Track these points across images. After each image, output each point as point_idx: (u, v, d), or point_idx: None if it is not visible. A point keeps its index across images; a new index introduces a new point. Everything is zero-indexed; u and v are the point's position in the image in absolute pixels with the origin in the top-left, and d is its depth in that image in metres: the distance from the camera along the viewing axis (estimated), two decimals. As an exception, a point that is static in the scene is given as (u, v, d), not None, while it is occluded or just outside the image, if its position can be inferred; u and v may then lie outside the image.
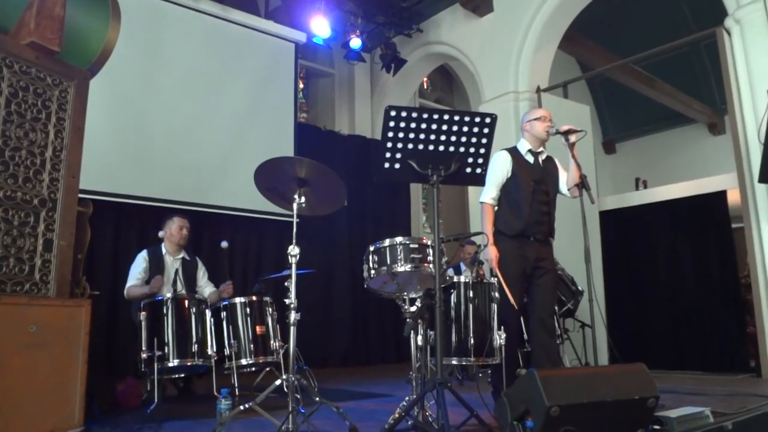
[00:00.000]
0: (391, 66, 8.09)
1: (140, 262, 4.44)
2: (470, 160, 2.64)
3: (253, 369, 4.21)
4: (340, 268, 7.60)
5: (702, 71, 10.00)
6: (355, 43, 7.75)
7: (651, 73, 9.50)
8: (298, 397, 2.68)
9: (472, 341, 3.10)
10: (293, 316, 2.71)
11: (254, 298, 4.20)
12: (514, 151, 3.59)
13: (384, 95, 9.01)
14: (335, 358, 7.36)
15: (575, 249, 5.94)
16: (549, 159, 3.68)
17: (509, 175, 3.52)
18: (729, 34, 5.68)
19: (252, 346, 4.00)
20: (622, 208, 7.44)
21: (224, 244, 4.60)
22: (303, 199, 2.83)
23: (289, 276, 4.11)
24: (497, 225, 3.51)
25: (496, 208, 3.56)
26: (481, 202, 3.56)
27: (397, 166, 2.60)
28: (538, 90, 7.05)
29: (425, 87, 10.47)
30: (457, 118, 2.57)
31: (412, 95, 9.42)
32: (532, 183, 3.47)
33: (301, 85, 8.76)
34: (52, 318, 2.92)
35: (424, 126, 2.55)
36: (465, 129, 2.58)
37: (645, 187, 9.38)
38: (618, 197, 7.77)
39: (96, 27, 3.48)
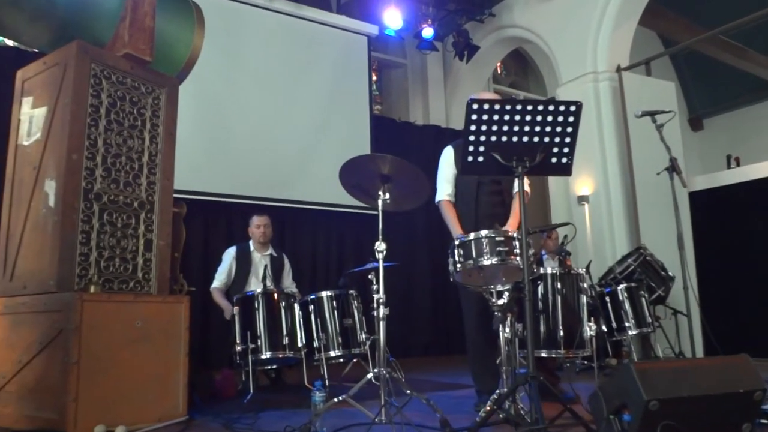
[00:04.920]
0: (464, 53, 8.00)
1: (227, 259, 4.62)
2: (555, 149, 2.59)
3: (341, 360, 4.32)
4: (420, 258, 7.64)
5: (800, 38, 9.32)
6: (428, 32, 7.71)
7: (741, 43, 8.94)
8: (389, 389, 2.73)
9: (561, 333, 3.05)
10: (382, 311, 2.75)
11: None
12: (459, 145, 3.39)
13: (457, 83, 8.93)
14: (418, 348, 7.42)
15: (664, 233, 5.74)
16: None
17: (455, 171, 3.42)
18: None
19: (340, 338, 4.11)
20: (713, 188, 7.06)
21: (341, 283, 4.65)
22: (387, 195, 2.87)
23: (372, 269, 4.20)
24: None
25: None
26: (438, 202, 3.46)
27: (480, 159, 2.58)
28: (619, 69, 6.78)
29: (499, 72, 10.29)
30: (540, 108, 2.52)
31: (486, 81, 9.28)
32: (476, 176, 3.30)
33: (374, 77, 8.80)
34: (155, 314, 3.10)
35: (507, 118, 2.52)
36: (549, 119, 2.53)
37: (738, 164, 8.86)
38: (709, 177, 7.37)
39: (183, 35, 3.63)
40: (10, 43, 6.03)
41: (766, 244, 6.60)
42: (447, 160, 3.48)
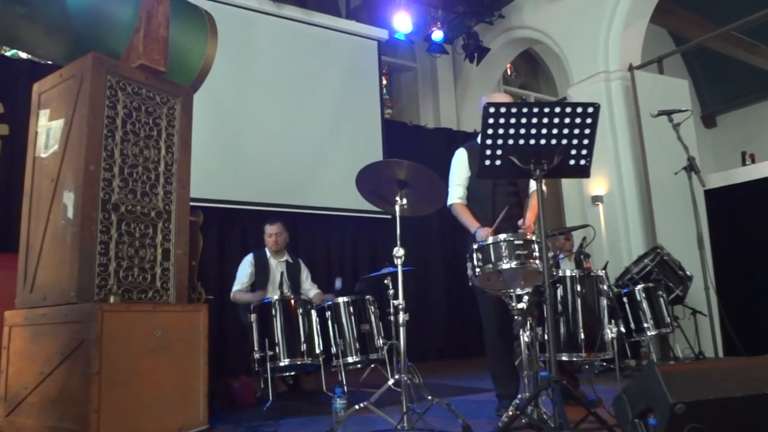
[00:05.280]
0: (474, 55, 7.99)
1: (246, 266, 4.63)
2: (573, 151, 2.57)
3: (359, 366, 4.31)
4: (434, 262, 7.62)
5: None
6: (437, 35, 7.71)
7: (753, 39, 8.86)
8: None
9: (582, 336, 3.03)
10: (402, 316, 2.74)
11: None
12: (471, 147, 3.41)
13: (468, 86, 8.92)
14: (432, 353, 7.39)
15: (681, 232, 5.70)
16: None
17: (469, 173, 3.38)
18: None
19: (357, 344, 4.10)
20: (729, 185, 6.99)
21: (338, 284, 4.64)
22: (405, 200, 2.86)
23: (388, 274, 4.19)
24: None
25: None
26: (450, 205, 3.41)
27: (498, 162, 2.57)
28: (631, 68, 6.75)
29: (509, 74, 10.27)
30: (558, 110, 2.51)
31: (496, 83, 9.26)
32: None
33: (384, 81, 8.81)
34: (174, 323, 3.11)
35: (524, 121, 2.50)
36: (567, 120, 2.51)
37: (753, 161, 8.77)
38: (724, 174, 7.31)
39: (196, 45, 3.64)
40: (23, 55, 6.09)
41: (784, 241, 6.53)
42: (459, 162, 3.46)
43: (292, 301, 4.04)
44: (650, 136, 6.31)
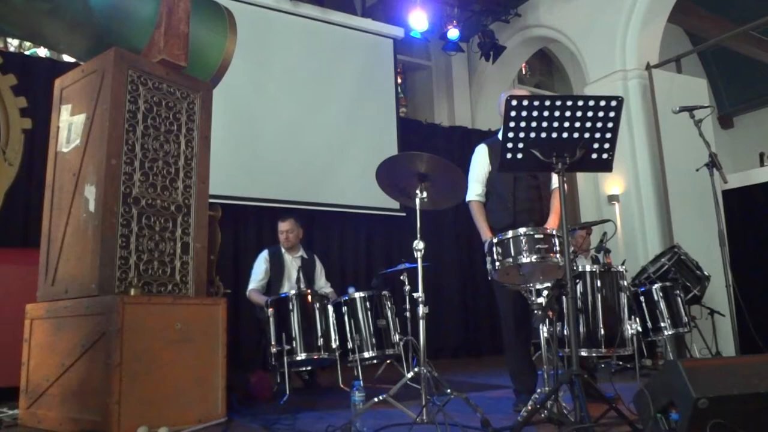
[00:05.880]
0: (490, 54, 7.98)
1: (261, 263, 4.65)
2: (596, 145, 2.56)
3: (375, 362, 4.31)
4: (449, 259, 7.61)
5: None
6: (453, 33, 7.71)
7: (772, 39, 8.79)
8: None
9: (602, 332, 3.02)
10: (422, 309, 2.74)
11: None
12: (492, 142, 3.39)
13: (483, 84, 8.91)
14: (448, 350, 7.39)
15: (699, 231, 5.66)
16: None
17: (490, 168, 3.37)
18: None
19: (373, 339, 4.10)
20: (746, 186, 6.92)
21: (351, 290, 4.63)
22: (425, 194, 2.86)
23: (404, 270, 4.20)
24: (488, 221, 3.35)
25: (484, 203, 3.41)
26: (468, 202, 3.41)
27: (519, 156, 2.56)
28: (648, 67, 6.70)
29: (524, 72, 10.23)
30: (581, 103, 2.49)
31: (511, 82, 9.23)
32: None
33: (399, 80, 8.82)
34: (194, 316, 3.12)
35: (546, 114, 2.49)
36: (590, 114, 2.50)
37: (771, 161, 8.67)
38: (742, 174, 7.23)
39: (216, 40, 3.67)
40: (42, 54, 6.16)
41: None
42: (480, 158, 3.45)
43: (309, 296, 4.06)
44: (668, 135, 6.27)
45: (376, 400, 2.71)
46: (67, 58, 5.51)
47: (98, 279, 2.88)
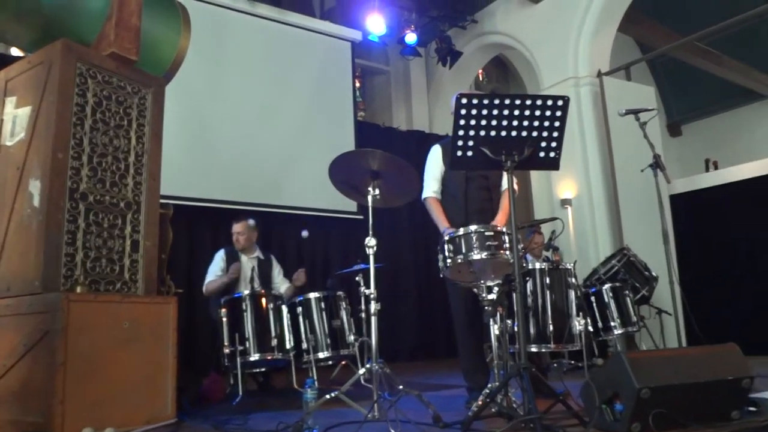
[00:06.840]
0: (447, 59, 8.08)
1: (218, 261, 4.60)
2: (543, 144, 2.62)
3: (330, 363, 4.29)
4: (404, 261, 7.62)
5: (773, 45, 9.52)
6: (411, 38, 7.77)
7: (717, 50, 9.12)
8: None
9: (551, 328, 3.08)
10: (374, 306, 2.75)
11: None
12: (446, 143, 3.39)
13: (440, 89, 9.00)
14: (404, 353, 7.39)
15: (647, 233, 5.81)
16: None
17: (444, 168, 3.47)
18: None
19: (328, 339, 4.09)
20: (693, 191, 7.17)
21: (305, 233, 4.63)
22: (377, 191, 2.87)
23: (359, 271, 4.20)
24: None
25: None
26: (424, 199, 3.49)
27: (470, 153, 2.60)
28: (599, 74, 6.88)
29: (480, 79, 10.38)
30: (529, 102, 2.55)
31: (468, 87, 9.35)
32: (465, 171, 3.36)
33: (358, 84, 8.83)
34: (143, 315, 3.06)
35: (495, 112, 2.54)
36: (537, 113, 2.56)
37: (716, 168, 9.02)
38: (688, 180, 7.49)
39: (169, 36, 3.62)
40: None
41: (745, 244, 6.71)
42: (434, 158, 3.51)
43: (263, 297, 4.02)
44: (618, 140, 6.45)
45: (327, 397, 2.70)
46: (15, 52, 5.34)
47: (42, 276, 2.80)
